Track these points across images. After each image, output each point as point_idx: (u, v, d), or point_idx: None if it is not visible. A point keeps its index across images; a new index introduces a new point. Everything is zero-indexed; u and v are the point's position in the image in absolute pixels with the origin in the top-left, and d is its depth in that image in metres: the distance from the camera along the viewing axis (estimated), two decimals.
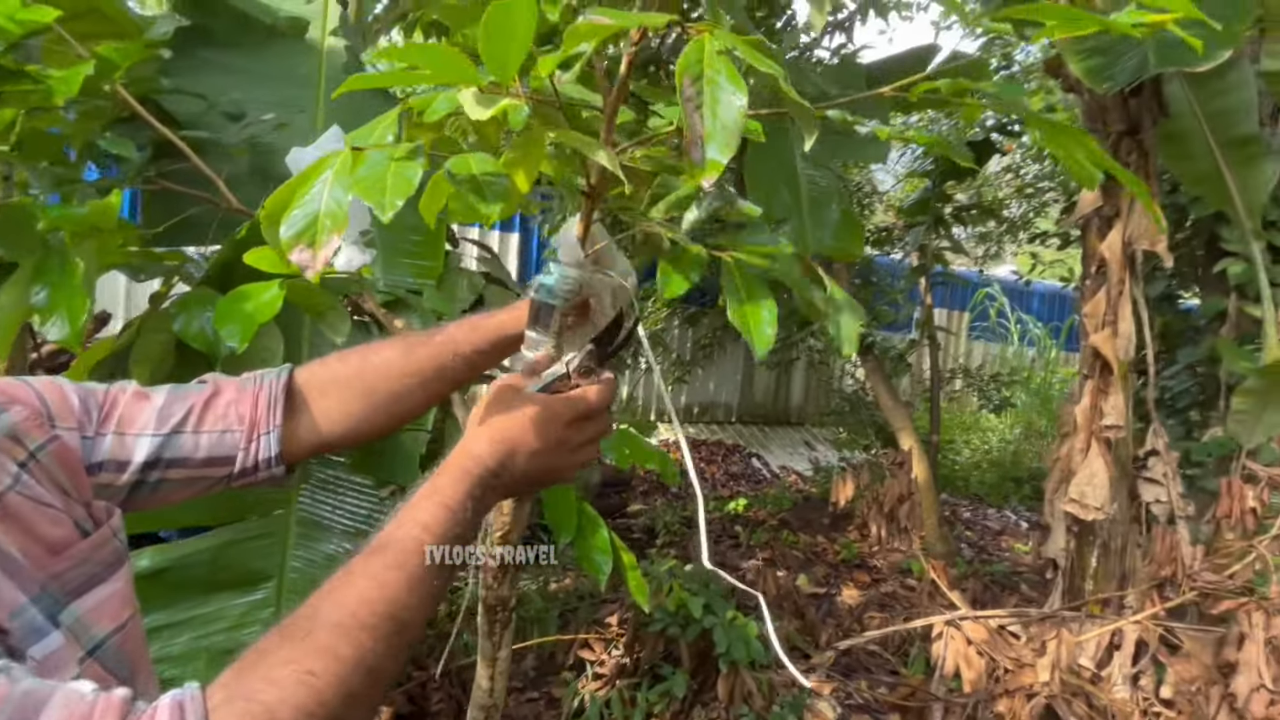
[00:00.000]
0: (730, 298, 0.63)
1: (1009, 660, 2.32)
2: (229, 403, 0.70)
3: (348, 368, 0.75)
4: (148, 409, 0.66)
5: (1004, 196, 6.10)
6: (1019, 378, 6.38)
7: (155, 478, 0.65)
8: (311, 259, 0.47)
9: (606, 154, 0.50)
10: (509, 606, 0.96)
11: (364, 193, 0.46)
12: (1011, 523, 4.96)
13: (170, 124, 1.37)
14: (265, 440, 0.70)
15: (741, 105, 0.40)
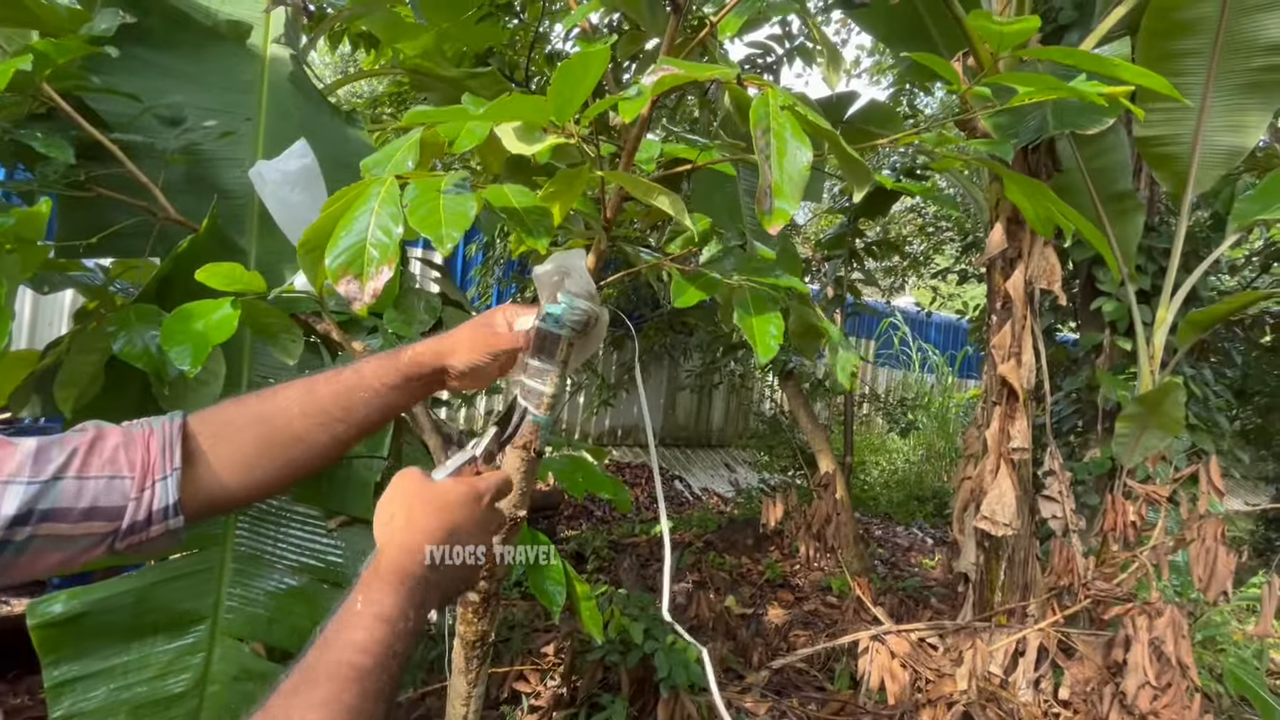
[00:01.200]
0: (740, 309, 0.66)
1: (930, 671, 2.45)
2: (116, 446, 0.62)
3: (245, 412, 0.68)
4: (17, 454, 0.57)
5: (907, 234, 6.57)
6: (921, 403, 6.84)
7: (24, 535, 0.55)
8: (359, 290, 0.46)
9: (669, 198, 0.52)
10: (488, 642, 0.93)
11: (420, 225, 0.46)
12: (918, 539, 5.27)
13: (95, 124, 1.26)
14: (161, 486, 0.62)
15: (807, 160, 0.43)
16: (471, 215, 0.47)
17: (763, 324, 0.56)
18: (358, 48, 3.73)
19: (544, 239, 0.52)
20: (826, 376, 4.82)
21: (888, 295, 6.90)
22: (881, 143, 0.70)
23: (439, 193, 0.49)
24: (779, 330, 0.56)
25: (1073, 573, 2.48)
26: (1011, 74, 0.63)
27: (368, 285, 0.46)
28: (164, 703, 1.17)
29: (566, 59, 0.42)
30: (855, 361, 0.69)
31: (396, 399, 0.68)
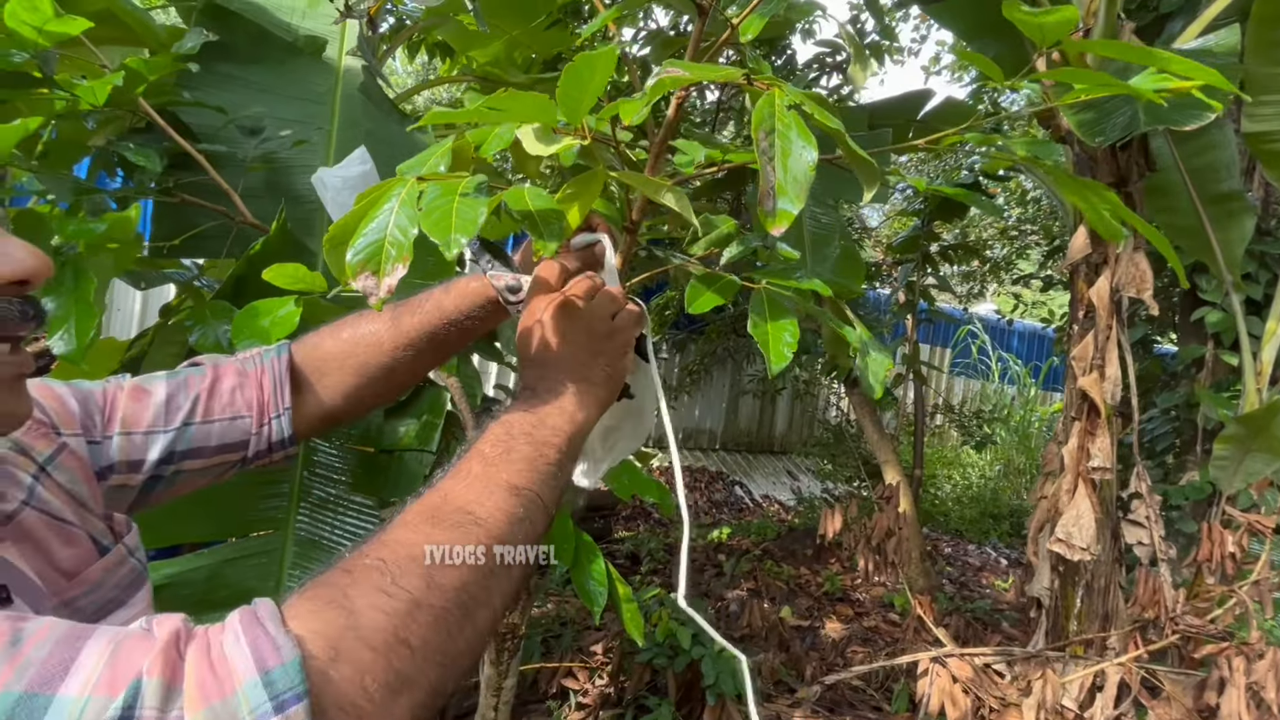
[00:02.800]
0: (754, 315, 0.63)
1: (994, 699, 2.32)
2: (233, 388, 0.69)
3: (340, 344, 0.74)
4: (151, 405, 0.65)
5: (988, 238, 6.26)
6: (1000, 415, 6.49)
7: (171, 471, 0.65)
8: (376, 286, 0.48)
9: (677, 197, 0.52)
10: (518, 634, 0.95)
11: (430, 228, 0.47)
12: (991, 559, 5.00)
13: (186, 136, 1.37)
14: (277, 423, 0.69)
15: (812, 160, 0.42)
16: (480, 219, 0.48)
17: (777, 331, 0.55)
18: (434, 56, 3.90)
19: (554, 243, 0.52)
20: (895, 384, 4.65)
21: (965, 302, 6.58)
22: (920, 144, 0.67)
23: (456, 196, 0.50)
24: (794, 338, 0.55)
25: (1160, 605, 2.29)
26: (1063, 70, 0.59)
27: (384, 281, 0.48)
28: None
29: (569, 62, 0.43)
30: (887, 366, 0.66)
31: (473, 326, 0.72)
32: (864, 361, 0.66)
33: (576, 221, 0.59)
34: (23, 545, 0.51)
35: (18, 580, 0.48)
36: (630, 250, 0.70)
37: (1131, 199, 2.29)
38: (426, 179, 0.52)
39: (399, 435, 1.41)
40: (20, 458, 0.54)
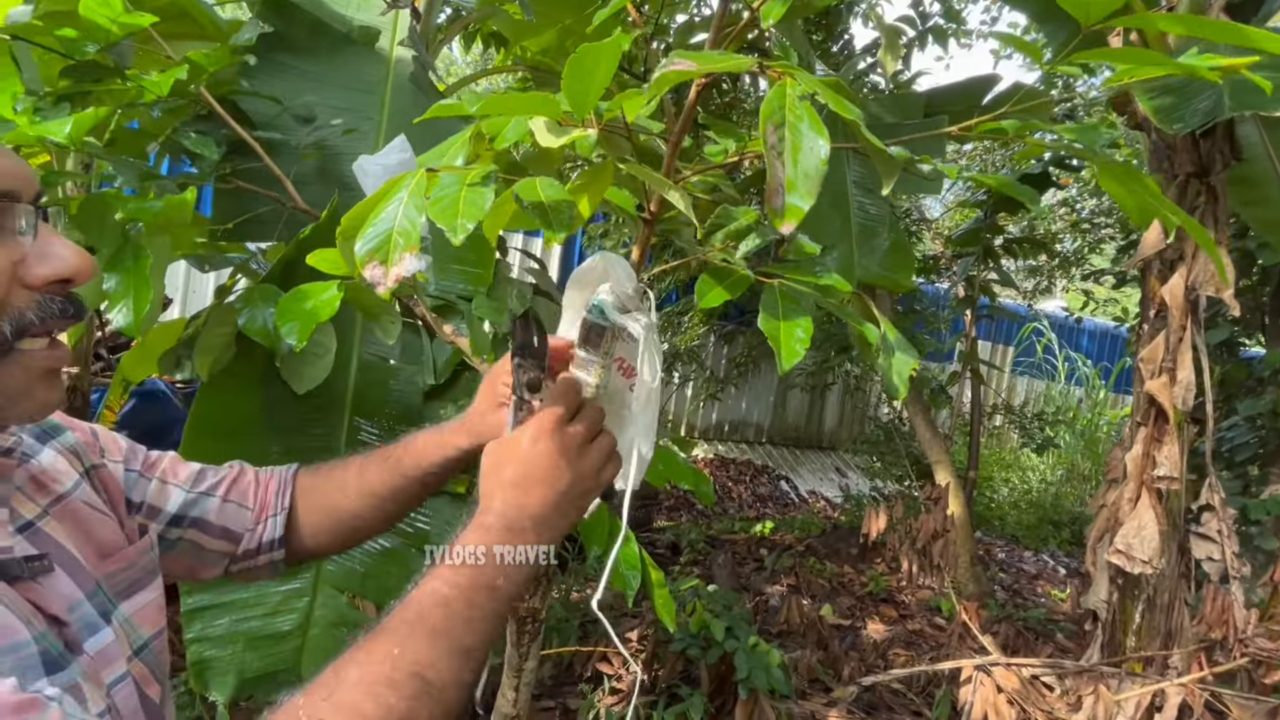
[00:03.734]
0: (766, 311, 0.62)
1: (1041, 713, 2.23)
2: (249, 483, 0.74)
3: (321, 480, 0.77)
4: (187, 469, 0.71)
5: (1057, 231, 5.94)
6: (1064, 417, 6.18)
7: (176, 535, 0.68)
8: (383, 275, 0.49)
9: (679, 194, 0.51)
10: (539, 618, 0.96)
11: (438, 215, 0.48)
12: (1049, 568, 4.79)
13: (245, 124, 1.43)
14: (271, 522, 0.73)
15: (824, 153, 0.40)
16: (486, 207, 0.49)
17: (789, 329, 0.53)
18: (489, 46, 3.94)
19: (564, 232, 0.52)
20: (950, 382, 4.49)
21: (1030, 298, 6.28)
22: (952, 131, 0.63)
23: (464, 185, 0.51)
24: (807, 334, 0.53)
25: (1229, 625, 2.14)
26: (1105, 50, 0.55)
27: (391, 271, 0.49)
28: (274, 638, 1.32)
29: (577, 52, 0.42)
30: (911, 365, 0.63)
31: (438, 480, 0.75)
32: (887, 360, 0.63)
33: (588, 212, 0.58)
34: (66, 524, 0.55)
35: (60, 553, 0.52)
36: (648, 241, 0.69)
37: (1214, 191, 2.13)
38: (438, 170, 0.53)
39: (438, 417, 1.45)
40: (74, 457, 0.60)
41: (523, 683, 0.98)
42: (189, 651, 1.27)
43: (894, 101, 2.24)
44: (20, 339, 0.45)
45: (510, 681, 0.98)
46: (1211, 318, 3.34)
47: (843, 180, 2.02)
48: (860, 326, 0.58)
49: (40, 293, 0.46)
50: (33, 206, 0.47)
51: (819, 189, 0.40)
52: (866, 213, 2.01)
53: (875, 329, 0.59)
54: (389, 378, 1.48)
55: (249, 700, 2.08)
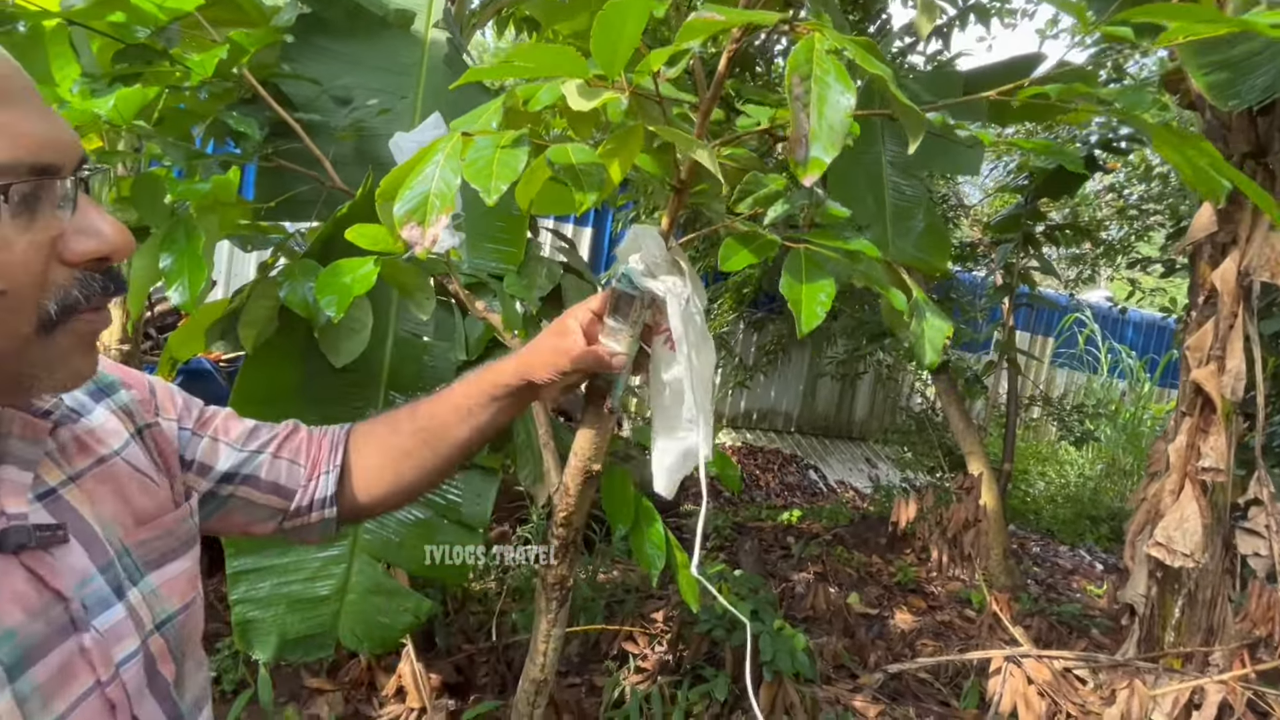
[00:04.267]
0: (788, 274, 0.62)
1: (1073, 706, 2.19)
2: (303, 441, 0.74)
3: (374, 426, 0.77)
4: (240, 426, 0.70)
5: (1103, 218, 5.74)
6: (1105, 410, 6.00)
7: (227, 492, 0.67)
8: (421, 235, 0.50)
9: (707, 153, 0.51)
10: (566, 586, 0.98)
11: (473, 177, 0.49)
12: (1085, 563, 4.68)
13: (286, 106, 1.47)
14: (324, 479, 0.72)
15: (849, 105, 0.40)
16: (519, 168, 0.50)
17: (812, 292, 0.53)
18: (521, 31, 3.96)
19: (593, 194, 0.53)
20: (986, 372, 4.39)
21: (1072, 287, 6.09)
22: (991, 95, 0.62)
23: (498, 148, 0.52)
24: (829, 298, 0.53)
25: (1275, 622, 2.07)
26: (1157, 5, 0.53)
27: (428, 232, 0.51)
28: (313, 602, 1.37)
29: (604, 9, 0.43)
30: (945, 332, 0.63)
31: (488, 419, 0.74)
32: (919, 326, 0.63)
33: (618, 177, 0.59)
34: (104, 487, 0.54)
35: (78, 524, 0.51)
36: (679, 209, 0.69)
37: (1271, 172, 2.04)
38: (473, 133, 0.54)
39: None
40: (126, 417, 0.60)
41: (551, 649, 1.00)
42: (234, 612, 1.33)
43: (931, 80, 2.19)
44: (68, 318, 0.44)
45: (539, 647, 1.01)
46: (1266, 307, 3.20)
47: (877, 161, 1.99)
48: (888, 292, 0.58)
49: (80, 269, 0.45)
50: (74, 178, 0.44)
51: (842, 142, 0.40)
52: (902, 194, 1.97)
53: (902, 296, 0.58)
54: (423, 353, 1.51)
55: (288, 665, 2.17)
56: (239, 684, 2.06)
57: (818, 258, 0.56)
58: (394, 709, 2.04)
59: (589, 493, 0.90)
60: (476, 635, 2.56)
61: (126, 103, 1.01)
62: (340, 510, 0.74)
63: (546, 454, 1.04)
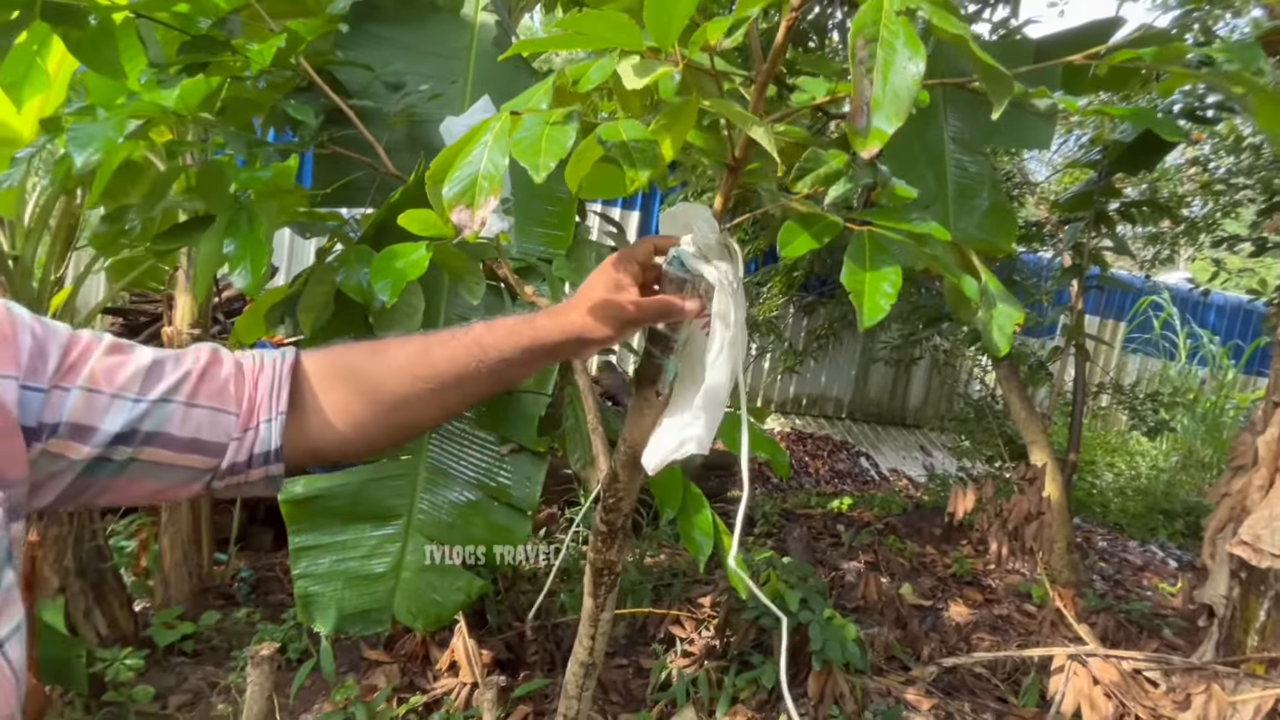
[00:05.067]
0: (851, 262, 0.58)
1: (1143, 709, 2.09)
2: (227, 378, 0.57)
3: (355, 362, 0.63)
4: (130, 365, 0.52)
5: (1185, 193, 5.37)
6: (1183, 399, 5.66)
7: (125, 456, 0.51)
8: (470, 218, 0.50)
9: (763, 129, 0.49)
10: (615, 571, 0.98)
11: (521, 154, 0.48)
12: (1156, 559, 4.45)
13: (341, 93, 1.49)
14: (265, 429, 0.57)
15: (918, 72, 0.37)
16: (568, 145, 0.48)
17: (876, 281, 0.49)
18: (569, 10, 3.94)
19: (646, 171, 0.51)
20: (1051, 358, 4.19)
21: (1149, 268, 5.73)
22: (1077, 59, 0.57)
23: (547, 125, 0.50)
24: (895, 288, 0.49)
25: None
26: None
27: (477, 214, 0.50)
28: (369, 578, 1.41)
29: None
30: (1016, 319, 0.58)
31: (517, 371, 0.65)
32: (988, 314, 0.59)
33: (670, 155, 0.57)
34: None
35: None
36: (732, 189, 0.67)
37: None
38: (521, 112, 0.53)
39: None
40: None
41: (599, 633, 1.01)
42: (296, 586, 1.38)
43: (999, 50, 2.07)
44: None
45: (587, 631, 1.01)
46: None
47: (939, 136, 1.90)
48: (957, 279, 0.54)
49: None
50: None
51: (908, 112, 0.37)
52: (965, 171, 1.88)
53: (974, 282, 0.54)
54: None
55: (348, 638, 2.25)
56: (303, 654, 2.15)
57: (883, 241, 0.53)
58: (447, 682, 2.11)
59: (637, 479, 0.89)
60: (526, 614, 2.62)
61: (191, 93, 1.04)
62: (297, 457, 0.60)
63: (595, 439, 1.03)
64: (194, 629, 2.20)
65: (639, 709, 2.27)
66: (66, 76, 1.52)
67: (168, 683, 2.03)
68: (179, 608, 2.26)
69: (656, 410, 0.82)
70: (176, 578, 2.29)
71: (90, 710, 1.83)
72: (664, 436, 0.78)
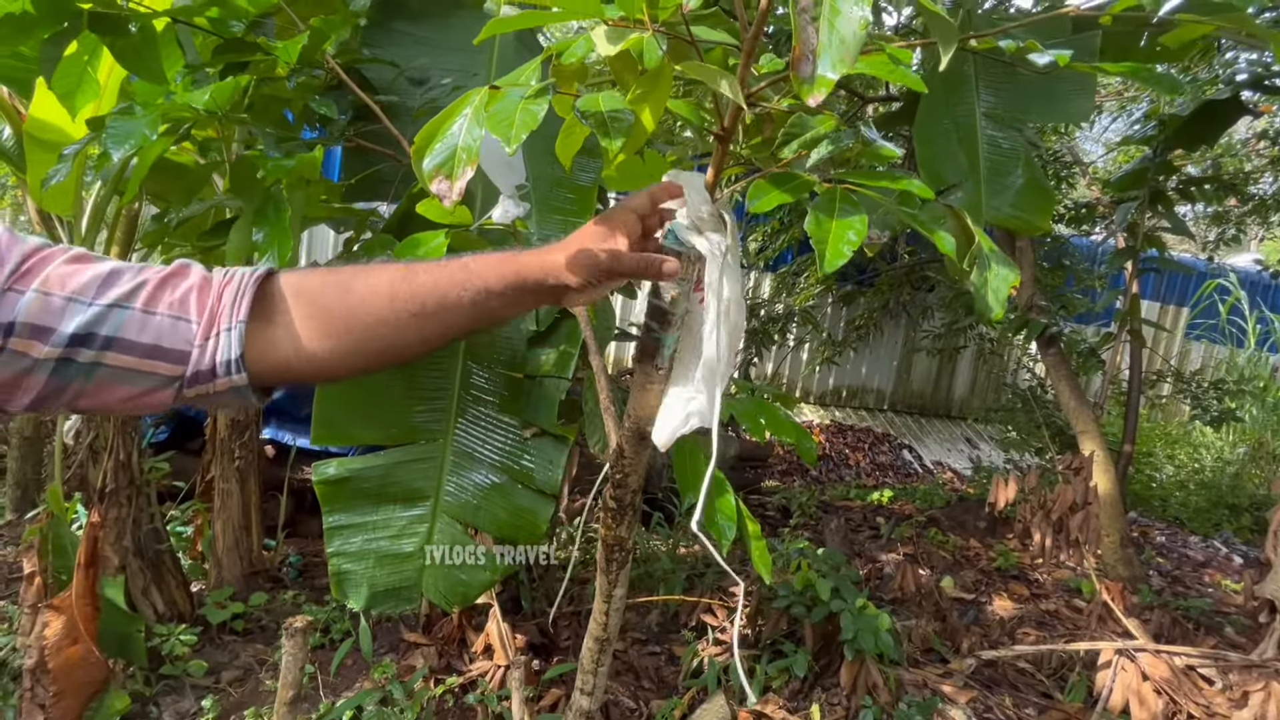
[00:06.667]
0: (815, 211, 0.56)
1: (1196, 706, 2.00)
2: (190, 289, 0.58)
3: (335, 280, 0.62)
4: (87, 273, 0.54)
5: (1252, 169, 5.06)
6: (1251, 388, 5.35)
7: (88, 358, 0.53)
8: (449, 189, 0.51)
9: (729, 82, 0.49)
10: (625, 547, 0.99)
11: (494, 127, 0.49)
12: (1220, 555, 4.23)
13: (368, 90, 1.54)
14: (225, 338, 0.57)
15: (864, 16, 0.36)
16: (539, 117, 0.49)
17: (840, 229, 0.49)
18: None
19: (619, 140, 0.52)
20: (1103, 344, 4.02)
21: (1213, 250, 5.42)
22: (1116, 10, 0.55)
23: (521, 101, 0.52)
24: (859, 235, 0.48)
25: None
26: None
27: (455, 184, 0.52)
28: (399, 558, 1.46)
29: None
30: (1012, 281, 0.57)
31: (498, 307, 0.62)
32: (981, 276, 0.58)
33: (651, 125, 0.58)
34: None
35: None
36: (723, 159, 0.67)
37: None
38: (499, 86, 0.54)
39: (540, 362, 1.52)
40: None
41: (612, 609, 1.02)
42: (330, 564, 1.44)
43: (1035, 26, 1.99)
44: None
45: (600, 607, 1.03)
46: None
47: (970, 112, 1.84)
48: (934, 234, 0.53)
49: None
50: None
51: (855, 57, 0.36)
52: (998, 147, 1.82)
53: (948, 237, 0.53)
54: None
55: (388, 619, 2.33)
56: (345, 634, 2.24)
57: (854, 197, 0.52)
58: (482, 665, 2.16)
59: (644, 454, 0.90)
60: (559, 600, 2.66)
61: (220, 94, 1.10)
62: (262, 376, 0.60)
63: (607, 418, 1.05)
64: (244, 609, 2.32)
65: (671, 695, 2.29)
66: (116, 84, 1.62)
67: (220, 659, 2.15)
68: (230, 589, 2.37)
69: (658, 385, 0.83)
70: (229, 561, 2.41)
71: (149, 682, 1.95)
72: (669, 411, 0.79)
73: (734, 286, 0.69)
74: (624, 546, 0.99)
